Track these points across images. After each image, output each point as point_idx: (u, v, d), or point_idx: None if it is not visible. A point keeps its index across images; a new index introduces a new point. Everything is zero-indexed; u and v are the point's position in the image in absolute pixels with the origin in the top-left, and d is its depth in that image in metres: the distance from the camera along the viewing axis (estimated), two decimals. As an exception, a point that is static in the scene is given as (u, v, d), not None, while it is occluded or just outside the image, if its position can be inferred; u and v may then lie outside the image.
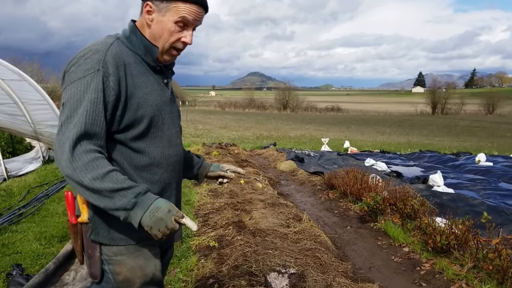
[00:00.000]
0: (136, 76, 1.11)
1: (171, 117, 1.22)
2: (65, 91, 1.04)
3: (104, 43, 1.09)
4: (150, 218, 0.98)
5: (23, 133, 6.15)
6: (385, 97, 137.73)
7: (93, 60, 1.04)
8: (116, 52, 1.08)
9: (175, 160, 1.22)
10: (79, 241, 1.14)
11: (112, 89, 1.04)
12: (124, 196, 0.98)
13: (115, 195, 0.97)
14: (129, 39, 1.14)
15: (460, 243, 3.05)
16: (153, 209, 0.99)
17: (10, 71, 6.94)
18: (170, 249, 1.37)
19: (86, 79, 1.02)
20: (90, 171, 0.97)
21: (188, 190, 4.94)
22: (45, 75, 28.65)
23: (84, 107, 1.00)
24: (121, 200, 0.97)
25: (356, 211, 4.66)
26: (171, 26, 1.11)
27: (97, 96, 1.02)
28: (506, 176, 6.67)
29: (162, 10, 1.11)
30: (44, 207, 4.27)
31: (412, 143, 15.24)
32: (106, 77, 1.03)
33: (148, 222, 0.98)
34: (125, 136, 1.10)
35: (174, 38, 1.13)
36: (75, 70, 1.03)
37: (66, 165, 0.97)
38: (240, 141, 12.99)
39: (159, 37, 1.13)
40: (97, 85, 1.02)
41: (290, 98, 50.51)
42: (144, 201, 0.99)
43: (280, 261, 2.73)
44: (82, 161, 0.97)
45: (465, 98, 56.10)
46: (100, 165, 0.98)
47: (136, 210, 0.98)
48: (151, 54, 1.14)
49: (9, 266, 2.72)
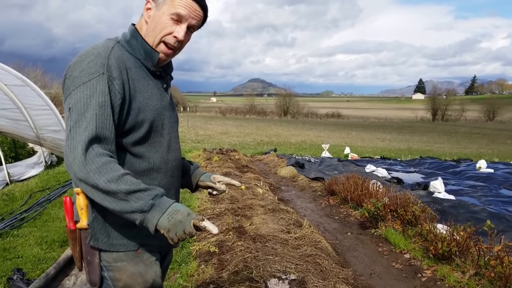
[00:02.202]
0: (137, 81, 1.10)
1: (170, 122, 1.20)
2: (70, 96, 1.02)
3: (105, 46, 1.07)
4: (168, 220, 0.96)
5: (26, 138, 6.19)
6: (386, 104, 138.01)
7: (97, 64, 1.02)
8: (118, 56, 1.07)
9: (174, 165, 1.22)
10: (78, 247, 1.10)
11: (118, 92, 1.03)
12: (141, 198, 0.96)
13: (131, 197, 0.95)
14: (129, 43, 1.13)
15: (462, 250, 3.04)
16: (172, 211, 0.97)
17: (13, 76, 7.00)
18: (169, 255, 1.35)
19: (91, 83, 1.00)
20: (104, 173, 0.95)
21: (188, 196, 4.94)
22: (48, 81, 28.82)
23: (93, 111, 0.99)
24: (138, 202, 0.95)
25: (357, 217, 4.65)
26: (164, 19, 1.10)
27: (104, 99, 1.00)
28: (507, 182, 6.66)
29: (159, 5, 1.11)
30: (45, 211, 4.27)
31: (412, 150, 15.24)
32: (111, 80, 1.02)
33: (167, 224, 0.95)
34: (125, 140, 1.09)
35: (166, 32, 1.11)
36: (79, 75, 1.02)
37: (79, 169, 0.95)
38: (240, 146, 13.01)
39: (151, 31, 1.12)
40: (103, 89, 1.01)
41: (290, 104, 50.65)
42: (162, 204, 0.97)
43: (281, 267, 2.73)
44: (95, 164, 0.95)
45: (465, 105, 56.21)
46: (114, 168, 0.97)
47: (153, 212, 0.96)
48: (151, 59, 1.13)
49: (10, 271, 2.73)
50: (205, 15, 1.17)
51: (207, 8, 1.17)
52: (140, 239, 1.12)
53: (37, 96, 7.13)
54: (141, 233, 1.11)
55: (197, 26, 1.17)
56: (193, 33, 1.20)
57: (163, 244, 1.17)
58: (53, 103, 7.70)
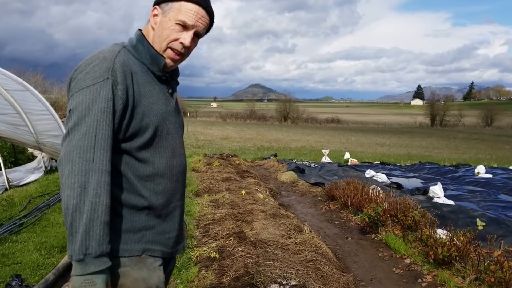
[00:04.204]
0: (142, 85, 1.10)
1: (175, 127, 1.20)
2: (72, 98, 1.02)
3: (112, 51, 1.08)
4: (80, 285, 0.94)
5: (26, 143, 6.18)
6: (385, 109, 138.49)
7: (102, 68, 1.02)
8: (123, 60, 1.07)
9: (179, 171, 1.20)
10: None
11: (120, 98, 1.03)
12: (81, 244, 0.94)
13: (78, 235, 0.94)
14: (135, 48, 1.13)
15: (462, 255, 3.04)
16: (89, 280, 0.94)
17: (13, 81, 7.02)
18: (172, 261, 1.33)
19: (95, 87, 1.00)
20: (87, 192, 0.95)
21: (189, 201, 4.94)
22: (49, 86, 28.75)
23: (94, 116, 0.99)
24: (75, 244, 0.94)
25: (357, 222, 4.65)
26: (171, 25, 1.10)
27: (106, 105, 1.00)
28: (505, 188, 6.67)
29: (166, 11, 1.11)
30: (45, 217, 4.26)
31: (411, 155, 15.28)
32: (115, 85, 1.02)
33: (77, 287, 0.95)
34: (130, 145, 1.08)
35: (172, 37, 1.11)
36: (83, 78, 1.02)
37: (69, 173, 0.96)
38: (241, 152, 13.02)
39: (158, 37, 1.12)
40: (107, 94, 1.01)
41: (290, 109, 50.80)
42: (88, 265, 0.94)
43: (281, 273, 2.72)
44: (86, 177, 0.96)
45: (463, 111, 56.49)
46: (99, 193, 0.97)
47: (76, 264, 0.95)
48: (157, 64, 1.13)
49: (9, 277, 2.71)
50: (211, 21, 1.18)
51: (214, 14, 1.17)
52: (143, 245, 1.11)
53: (37, 101, 7.14)
54: (144, 238, 1.11)
55: (204, 32, 1.18)
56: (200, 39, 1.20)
57: (167, 250, 1.17)
58: (54, 108, 7.71)
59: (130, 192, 1.10)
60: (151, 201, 1.12)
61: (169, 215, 1.18)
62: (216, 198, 5.10)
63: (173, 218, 1.19)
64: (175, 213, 1.20)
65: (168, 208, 1.16)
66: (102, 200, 0.97)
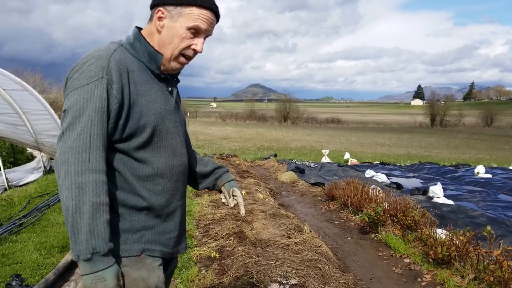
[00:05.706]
0: (139, 84, 1.08)
1: (175, 126, 1.17)
2: (67, 98, 1.01)
3: (107, 49, 1.06)
4: (91, 282, 0.94)
5: (25, 143, 6.18)
6: (385, 109, 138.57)
7: (97, 67, 1.01)
8: (119, 58, 1.05)
9: (179, 171, 1.19)
10: None
11: (115, 97, 1.01)
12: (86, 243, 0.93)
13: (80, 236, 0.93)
14: (133, 45, 1.11)
15: (461, 255, 3.05)
16: (99, 277, 0.94)
17: (12, 81, 7.01)
18: (174, 261, 1.32)
19: (89, 86, 0.99)
20: (86, 192, 0.94)
21: (189, 201, 4.94)
22: (47, 86, 28.70)
23: (88, 116, 0.98)
24: (80, 245, 0.93)
25: (357, 222, 4.66)
26: (183, 32, 1.09)
27: (101, 105, 0.99)
28: (505, 188, 6.68)
29: (175, 16, 1.08)
30: (44, 217, 4.26)
31: (411, 155, 15.29)
32: (110, 85, 1.01)
33: (88, 285, 0.95)
34: (128, 145, 1.07)
35: (185, 45, 1.11)
36: (78, 77, 1.00)
37: (65, 174, 0.95)
38: (241, 152, 13.02)
39: (168, 44, 1.10)
40: (101, 94, 0.99)
41: (290, 109, 50.77)
42: (97, 263, 0.94)
43: (281, 272, 2.72)
44: (84, 178, 0.95)
45: (463, 111, 56.49)
46: (97, 192, 0.96)
47: (84, 264, 0.94)
48: (155, 61, 1.12)
49: (9, 277, 2.71)
50: (217, 22, 1.19)
51: (220, 15, 1.17)
52: (143, 244, 1.10)
53: (36, 101, 7.14)
54: (143, 238, 1.11)
55: (210, 34, 1.18)
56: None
57: (167, 250, 1.17)
58: (52, 108, 7.71)
59: (129, 192, 1.09)
60: (151, 201, 1.11)
61: (170, 215, 1.17)
62: (216, 198, 5.10)
63: (174, 218, 1.18)
64: (175, 213, 1.19)
65: (168, 208, 1.16)
66: (101, 199, 0.97)
